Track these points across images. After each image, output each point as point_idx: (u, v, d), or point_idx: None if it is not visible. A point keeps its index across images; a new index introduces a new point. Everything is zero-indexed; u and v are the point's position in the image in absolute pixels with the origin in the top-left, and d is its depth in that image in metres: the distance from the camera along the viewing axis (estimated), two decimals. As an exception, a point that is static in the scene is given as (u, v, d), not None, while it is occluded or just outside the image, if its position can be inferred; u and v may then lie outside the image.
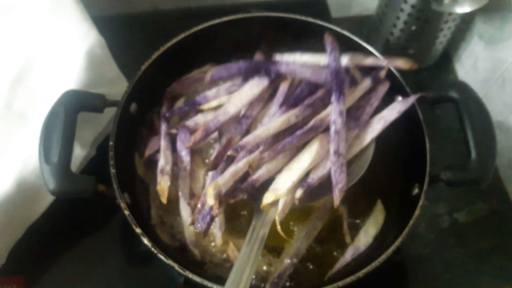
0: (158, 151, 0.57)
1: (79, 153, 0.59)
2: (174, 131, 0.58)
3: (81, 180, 0.50)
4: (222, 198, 0.46)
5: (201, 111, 0.60)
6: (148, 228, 0.53)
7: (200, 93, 0.60)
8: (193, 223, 0.49)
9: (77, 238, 0.62)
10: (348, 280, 0.46)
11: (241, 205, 0.57)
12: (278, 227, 0.46)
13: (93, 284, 0.60)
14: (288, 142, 0.49)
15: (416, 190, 0.54)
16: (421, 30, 0.72)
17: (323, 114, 0.52)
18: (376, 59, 0.58)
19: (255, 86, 0.56)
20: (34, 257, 0.60)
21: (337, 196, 0.48)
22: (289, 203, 0.48)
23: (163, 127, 0.58)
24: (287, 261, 0.52)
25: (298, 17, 0.63)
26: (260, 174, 0.49)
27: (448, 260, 0.64)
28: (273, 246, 0.54)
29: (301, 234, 0.54)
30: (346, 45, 0.63)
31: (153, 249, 0.47)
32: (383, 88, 0.58)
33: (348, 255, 0.53)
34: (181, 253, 0.53)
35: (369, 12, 0.86)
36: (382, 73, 0.58)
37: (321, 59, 0.57)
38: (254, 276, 0.52)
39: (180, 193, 0.54)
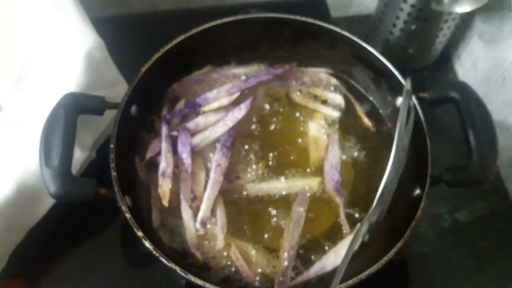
0: (159, 153, 0.57)
1: (79, 156, 0.59)
2: (175, 133, 0.58)
3: (82, 183, 0.49)
4: None
5: (202, 113, 0.60)
6: (150, 231, 0.53)
7: (201, 95, 0.60)
8: None
9: (78, 241, 0.62)
10: (350, 282, 0.46)
11: (243, 207, 0.57)
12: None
13: (94, 287, 0.60)
14: None
15: (417, 191, 0.54)
16: (421, 30, 0.72)
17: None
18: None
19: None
20: (35, 260, 0.60)
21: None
22: None
23: (164, 129, 0.58)
24: (285, 255, 0.52)
25: (298, 17, 0.63)
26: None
27: (449, 260, 0.65)
28: (272, 248, 0.54)
29: (289, 226, 0.54)
30: (346, 46, 0.64)
31: (154, 252, 0.47)
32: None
33: (313, 271, 0.53)
34: (183, 256, 0.53)
35: (368, 12, 0.86)
36: None
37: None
38: (258, 279, 0.53)
39: (181, 196, 0.54)
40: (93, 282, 0.60)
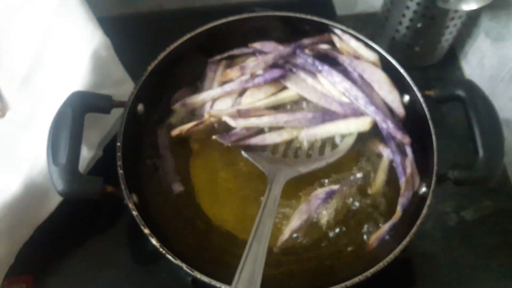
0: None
1: (86, 154, 0.59)
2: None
3: (89, 181, 0.50)
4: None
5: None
6: (156, 228, 0.53)
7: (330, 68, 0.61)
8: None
9: (85, 238, 0.63)
10: (356, 279, 0.46)
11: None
12: None
13: (101, 283, 0.60)
14: None
15: (423, 189, 0.54)
16: (427, 28, 0.72)
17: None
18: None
19: None
20: (42, 257, 0.61)
21: None
22: None
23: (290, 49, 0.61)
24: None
25: (303, 16, 0.63)
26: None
27: (454, 258, 0.64)
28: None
29: None
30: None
31: (161, 249, 0.47)
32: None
33: None
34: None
35: (374, 10, 0.86)
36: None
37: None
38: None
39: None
40: (100, 279, 0.60)
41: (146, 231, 0.48)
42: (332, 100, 0.60)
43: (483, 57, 0.76)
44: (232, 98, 0.61)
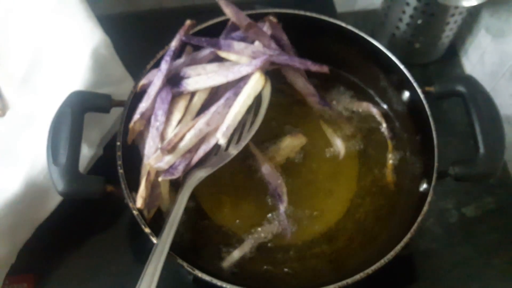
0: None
1: (86, 153, 0.59)
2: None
3: (90, 181, 0.50)
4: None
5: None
6: (157, 227, 0.53)
7: (227, 39, 0.57)
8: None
9: (85, 237, 0.63)
10: (357, 277, 0.46)
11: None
12: None
13: (102, 282, 0.60)
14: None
15: (424, 186, 0.54)
16: (427, 24, 0.72)
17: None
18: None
19: None
20: (43, 256, 0.61)
21: None
22: None
23: (164, 63, 0.53)
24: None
25: (302, 12, 0.63)
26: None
27: (456, 255, 0.64)
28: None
29: None
30: (351, 40, 0.64)
31: (162, 248, 0.47)
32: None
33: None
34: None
35: (374, 7, 0.85)
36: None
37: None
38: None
39: (145, 151, 0.52)
40: (101, 278, 0.60)
41: (147, 230, 0.48)
42: (239, 66, 0.54)
43: (483, 53, 0.75)
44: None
